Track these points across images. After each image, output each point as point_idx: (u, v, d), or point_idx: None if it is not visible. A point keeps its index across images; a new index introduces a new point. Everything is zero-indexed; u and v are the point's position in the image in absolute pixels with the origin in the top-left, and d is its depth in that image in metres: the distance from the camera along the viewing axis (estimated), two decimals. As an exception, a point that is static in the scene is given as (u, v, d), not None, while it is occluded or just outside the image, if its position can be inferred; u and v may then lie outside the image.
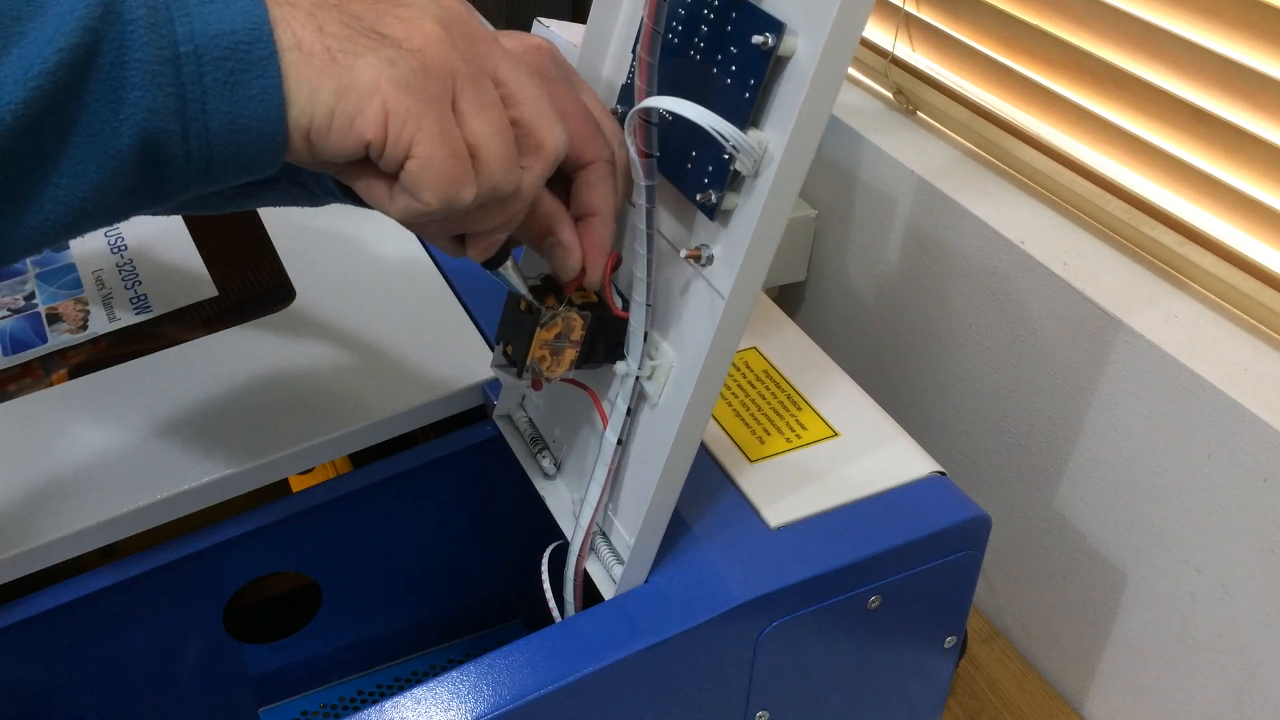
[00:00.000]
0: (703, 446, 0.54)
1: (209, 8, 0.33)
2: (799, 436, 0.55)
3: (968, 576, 0.54)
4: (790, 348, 0.61)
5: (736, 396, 0.57)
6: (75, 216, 0.34)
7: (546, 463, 0.54)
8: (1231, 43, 0.59)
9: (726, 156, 0.41)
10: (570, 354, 0.46)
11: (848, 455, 0.54)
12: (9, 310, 0.71)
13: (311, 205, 0.50)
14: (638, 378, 0.47)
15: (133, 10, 0.32)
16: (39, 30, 0.31)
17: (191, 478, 0.55)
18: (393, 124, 0.36)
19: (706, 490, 0.52)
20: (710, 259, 0.44)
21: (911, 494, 0.52)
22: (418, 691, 0.45)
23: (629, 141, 0.42)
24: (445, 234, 0.42)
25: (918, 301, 0.78)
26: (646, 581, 0.48)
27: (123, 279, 0.72)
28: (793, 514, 0.51)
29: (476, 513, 0.64)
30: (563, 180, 0.47)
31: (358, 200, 0.46)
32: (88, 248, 0.75)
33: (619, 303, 0.47)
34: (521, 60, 0.40)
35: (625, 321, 0.47)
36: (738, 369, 0.59)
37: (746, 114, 0.41)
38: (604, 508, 0.50)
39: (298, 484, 0.63)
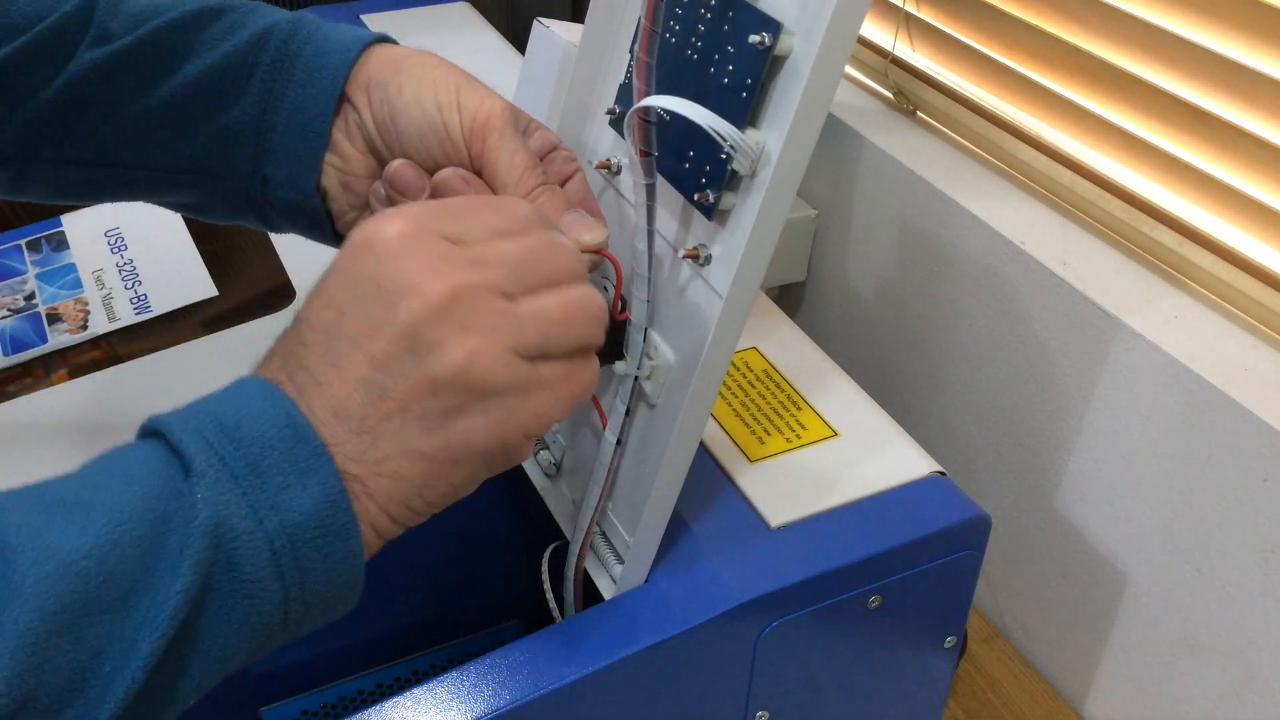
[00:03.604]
0: (703, 446, 0.54)
1: (289, 495, 0.35)
2: (799, 436, 0.55)
3: (968, 576, 0.54)
4: (790, 348, 0.61)
5: (736, 396, 0.57)
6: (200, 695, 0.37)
7: (546, 462, 0.54)
8: (1231, 43, 0.59)
9: (724, 156, 0.41)
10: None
11: (848, 455, 0.54)
12: (9, 310, 0.71)
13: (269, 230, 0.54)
14: (636, 378, 0.47)
15: (234, 528, 0.34)
16: (157, 584, 0.33)
17: (191, 478, 0.55)
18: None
19: (706, 490, 0.52)
20: (708, 259, 0.44)
21: (911, 494, 0.52)
22: (418, 691, 0.45)
23: (628, 141, 0.42)
24: None
25: (918, 301, 0.78)
26: (646, 581, 0.48)
27: (123, 279, 0.72)
28: (793, 514, 0.51)
29: (476, 513, 0.64)
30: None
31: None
32: (88, 248, 0.75)
33: (618, 305, 0.47)
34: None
35: (624, 322, 0.47)
36: (738, 369, 0.59)
37: (744, 113, 0.41)
38: (603, 508, 0.50)
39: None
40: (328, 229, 0.52)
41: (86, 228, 0.77)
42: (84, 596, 0.32)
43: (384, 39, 0.50)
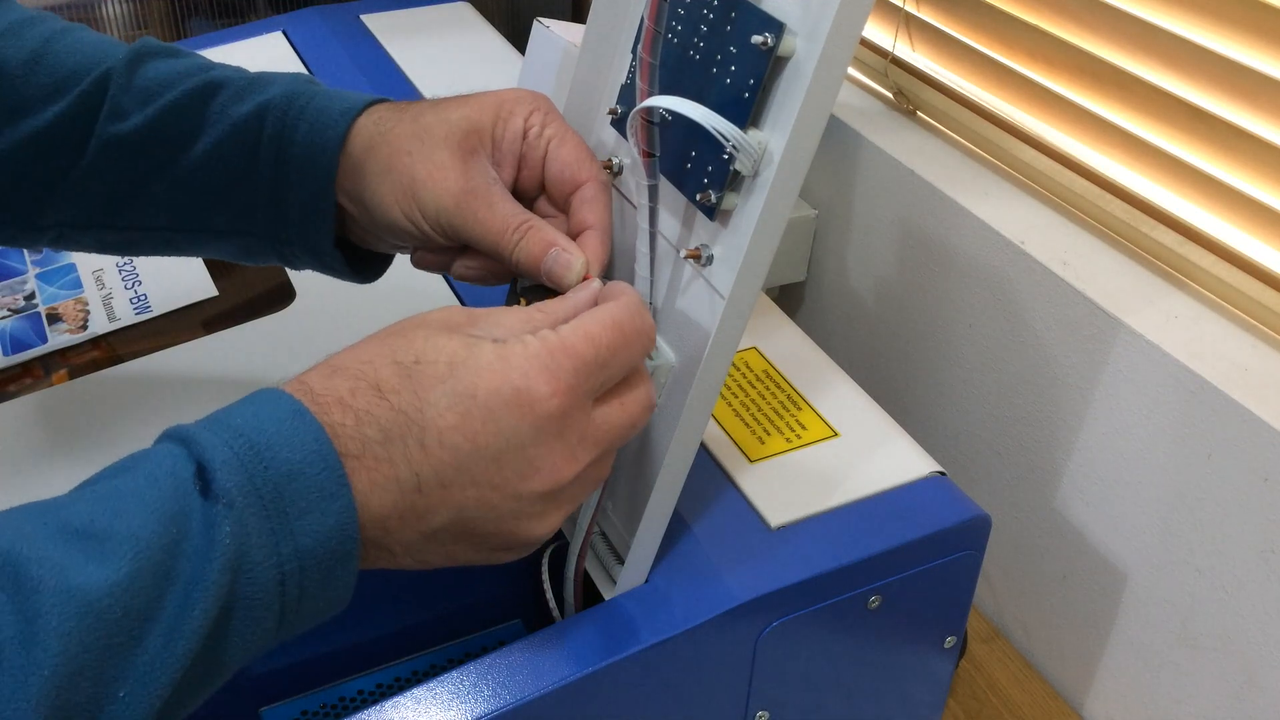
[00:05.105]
0: (703, 446, 0.54)
1: (307, 521, 0.36)
2: (799, 436, 0.55)
3: (968, 576, 0.54)
4: (790, 348, 0.61)
5: (736, 396, 0.57)
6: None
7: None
8: (1231, 43, 0.59)
9: (726, 156, 0.41)
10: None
11: (848, 455, 0.54)
12: (9, 310, 0.71)
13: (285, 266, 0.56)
14: (638, 378, 0.47)
15: (251, 558, 0.35)
16: (172, 610, 0.34)
17: (191, 478, 0.55)
18: None
19: (706, 490, 0.52)
20: (710, 259, 0.44)
21: (911, 494, 0.52)
22: (418, 691, 0.45)
23: (631, 141, 0.42)
24: None
25: (918, 301, 0.78)
26: (646, 581, 0.49)
27: (123, 279, 0.72)
28: (793, 514, 0.51)
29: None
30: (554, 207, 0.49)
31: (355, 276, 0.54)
32: (88, 248, 0.75)
33: None
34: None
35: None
36: (738, 369, 0.59)
37: (746, 114, 0.41)
38: (603, 508, 0.50)
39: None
40: (350, 277, 0.54)
41: (86, 227, 0.77)
42: (105, 635, 0.32)
43: (370, 105, 0.50)
